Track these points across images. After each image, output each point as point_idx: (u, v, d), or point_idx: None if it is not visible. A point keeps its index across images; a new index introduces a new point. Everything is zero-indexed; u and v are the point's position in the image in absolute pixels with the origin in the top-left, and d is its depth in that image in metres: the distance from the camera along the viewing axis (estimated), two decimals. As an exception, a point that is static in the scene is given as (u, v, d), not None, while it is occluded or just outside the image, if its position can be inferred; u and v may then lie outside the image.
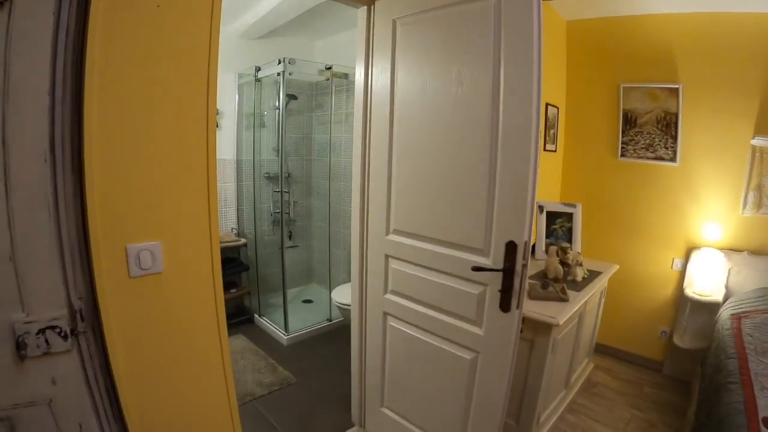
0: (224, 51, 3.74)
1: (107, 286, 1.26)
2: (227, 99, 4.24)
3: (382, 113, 2.29)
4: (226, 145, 4.30)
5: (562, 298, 2.47)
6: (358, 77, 2.42)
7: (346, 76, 4.03)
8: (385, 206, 2.35)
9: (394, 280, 2.39)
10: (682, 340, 3.35)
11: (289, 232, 4.74)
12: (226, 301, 3.82)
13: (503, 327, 1.91)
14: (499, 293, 1.86)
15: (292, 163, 4.78)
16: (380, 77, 2.28)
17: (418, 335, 2.30)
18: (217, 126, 3.68)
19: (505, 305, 1.85)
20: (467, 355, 2.08)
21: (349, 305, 3.28)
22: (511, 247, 1.81)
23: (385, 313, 2.47)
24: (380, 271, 2.44)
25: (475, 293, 2.00)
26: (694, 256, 3.36)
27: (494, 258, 1.88)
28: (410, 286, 2.30)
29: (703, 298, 3.16)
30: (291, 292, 4.58)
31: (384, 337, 2.50)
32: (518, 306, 1.85)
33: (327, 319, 4.28)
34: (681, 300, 3.44)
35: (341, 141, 4.44)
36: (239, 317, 4.36)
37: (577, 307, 2.51)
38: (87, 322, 1.23)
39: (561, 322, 2.29)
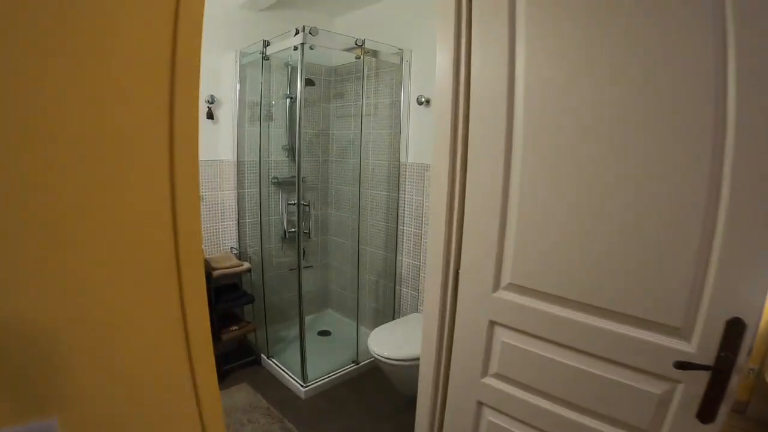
0: (221, 24, 2.89)
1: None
2: (225, 84, 3.37)
3: (488, 112, 1.51)
4: (224, 142, 3.43)
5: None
6: (440, 61, 1.67)
7: (375, 54, 3.15)
8: (494, 247, 1.55)
9: (502, 358, 1.61)
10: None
11: (302, 249, 3.87)
12: (225, 342, 2.86)
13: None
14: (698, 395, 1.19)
15: (305, 165, 3.91)
16: (485, 61, 1.51)
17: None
18: (212, 117, 2.85)
19: (706, 413, 1.17)
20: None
21: (398, 360, 2.56)
22: (734, 328, 1.11)
23: (480, 403, 1.70)
24: (477, 342, 1.66)
25: (656, 393, 1.27)
26: None
27: (700, 342, 1.18)
28: (531, 370, 1.54)
29: None
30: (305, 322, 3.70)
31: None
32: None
33: (353, 361, 3.43)
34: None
35: (368, 138, 3.57)
36: (242, 359, 3.50)
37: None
38: None
39: None
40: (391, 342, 2.74)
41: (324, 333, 3.99)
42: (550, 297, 1.43)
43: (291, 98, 3.60)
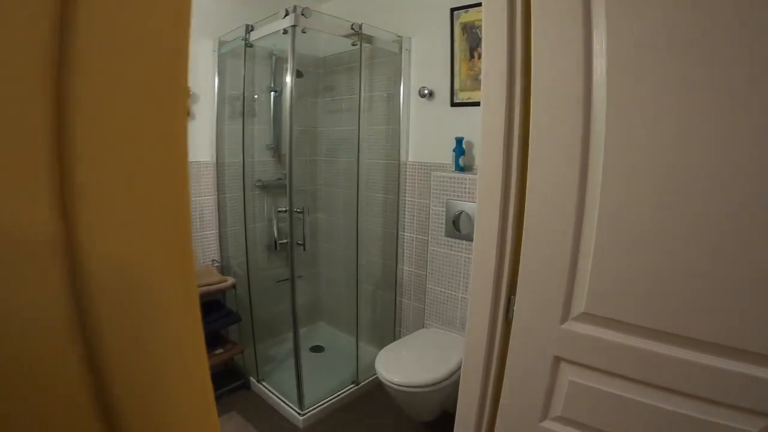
0: (196, 8, 2.53)
1: None
2: (202, 76, 3.00)
3: (558, 102, 1.18)
4: (201, 142, 3.07)
5: None
6: (488, 37, 1.29)
7: (371, 40, 2.82)
8: (564, 267, 1.24)
9: (569, 400, 1.32)
10: None
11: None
12: (210, 366, 2.86)
13: None
14: None
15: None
16: (552, 42, 1.17)
17: None
18: (188, 114, 2.50)
19: None
20: None
21: (410, 387, 2.27)
22: None
23: (539, 452, 1.36)
24: (536, 381, 1.36)
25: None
26: None
27: None
28: (607, 413, 1.25)
29: None
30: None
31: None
32: None
33: (353, 382, 3.10)
34: None
35: (363, 136, 3.24)
36: (229, 384, 3.13)
37: None
38: None
39: None
40: (401, 365, 2.42)
41: (317, 349, 3.65)
42: (641, 330, 1.14)
43: (276, 92, 3.25)
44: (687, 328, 1.06)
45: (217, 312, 2.95)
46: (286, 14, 2.37)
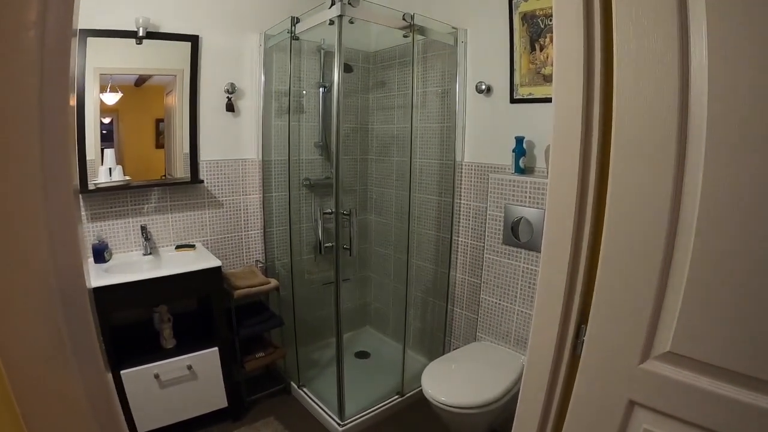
0: (243, 2, 2.39)
1: None
2: (248, 71, 2.91)
3: (646, 95, 0.97)
4: (247, 138, 2.98)
5: None
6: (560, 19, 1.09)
7: (424, 32, 2.65)
8: (649, 298, 1.03)
9: None
10: None
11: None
12: (251, 370, 2.83)
13: None
14: None
15: (342, 165, 3.43)
16: (639, 21, 0.92)
17: None
18: (232, 110, 2.37)
19: None
20: None
21: (459, 408, 2.11)
22: None
23: None
24: (605, 427, 1.16)
25: None
26: None
27: None
28: None
29: None
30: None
31: None
32: None
33: (398, 393, 2.94)
34: None
35: (416, 134, 3.08)
36: (269, 387, 3.04)
37: None
38: None
39: None
40: (449, 383, 2.26)
41: (362, 355, 3.51)
42: (738, 377, 0.92)
43: (324, 87, 3.12)
44: None
45: (259, 315, 2.86)
46: (332, 4, 2.23)
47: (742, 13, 0.83)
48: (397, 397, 2.92)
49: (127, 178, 2.48)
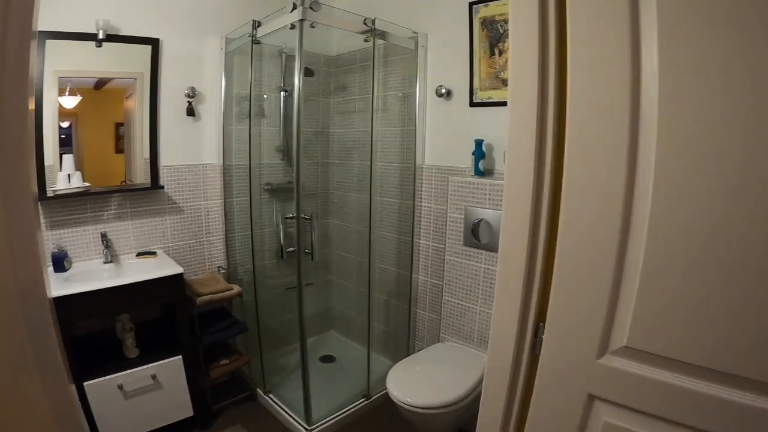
0: (203, 4, 2.41)
1: None
2: (209, 75, 2.88)
3: (599, 95, 1.02)
4: (208, 143, 2.95)
5: None
6: (516, 22, 1.14)
7: (385, 36, 2.67)
8: (604, 294, 1.07)
9: None
10: None
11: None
12: (216, 377, 2.79)
13: None
14: None
15: (303, 169, 3.42)
16: (591, 24, 0.97)
17: None
18: (193, 114, 2.32)
19: None
20: None
21: (425, 409, 2.13)
22: None
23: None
24: (566, 421, 1.20)
25: None
26: None
27: None
28: None
29: None
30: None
31: None
32: None
33: (364, 396, 2.95)
34: None
35: (377, 137, 3.10)
36: (235, 395, 3.01)
37: None
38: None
39: None
40: (415, 384, 2.28)
41: (327, 359, 3.51)
42: (693, 368, 0.97)
43: (286, 91, 3.12)
44: (750, 369, 0.90)
45: (222, 321, 2.83)
46: (294, 8, 2.24)
47: (692, 21, 0.87)
48: (363, 400, 2.93)
49: (87, 184, 2.42)
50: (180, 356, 2.49)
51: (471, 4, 2.44)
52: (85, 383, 2.20)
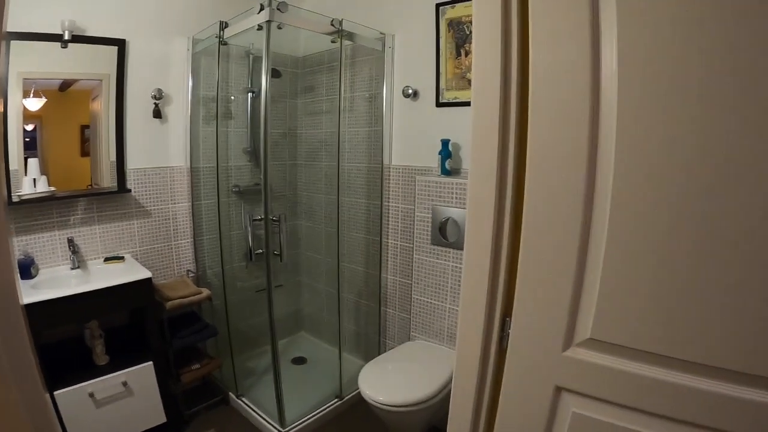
0: (170, 4, 2.39)
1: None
2: (175, 77, 2.85)
3: (560, 95, 1.04)
4: (174, 145, 2.92)
5: None
6: (479, 21, 1.15)
7: (353, 37, 2.68)
8: (567, 288, 1.10)
9: None
10: None
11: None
12: (187, 382, 2.76)
13: None
14: None
15: (271, 171, 3.40)
16: (554, 27, 1.01)
17: None
18: (159, 116, 2.31)
19: None
20: None
21: (397, 407, 2.15)
22: None
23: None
24: (535, 413, 1.22)
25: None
26: None
27: None
28: None
29: None
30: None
31: None
32: None
33: (336, 396, 2.96)
34: None
35: (344, 138, 3.11)
36: (208, 399, 2.98)
37: None
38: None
39: None
40: (386, 382, 2.30)
41: (299, 360, 3.50)
42: (658, 358, 1.01)
43: (253, 93, 3.10)
44: (710, 356, 0.94)
45: (192, 325, 2.80)
46: (261, 9, 2.23)
47: (650, 24, 0.91)
48: (336, 400, 2.93)
49: (53, 188, 2.37)
50: (150, 362, 2.45)
51: (438, 6, 2.47)
52: (55, 392, 2.15)
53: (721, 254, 0.90)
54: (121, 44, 2.54)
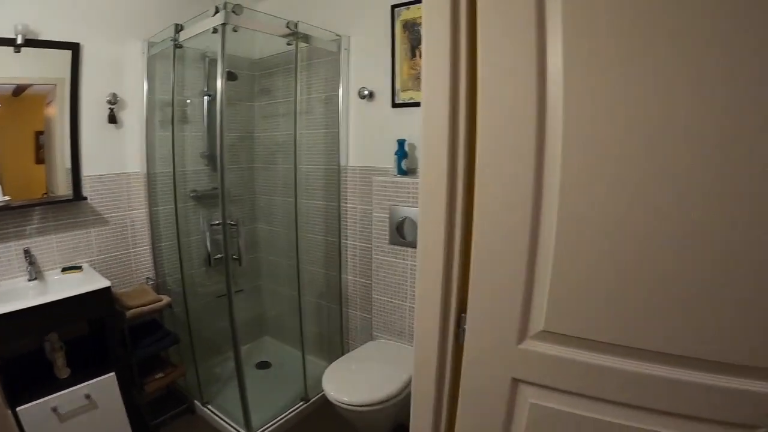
0: (123, 6, 2.36)
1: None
2: (130, 80, 2.80)
3: (507, 93, 1.07)
4: (130, 151, 2.86)
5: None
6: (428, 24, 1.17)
7: (308, 39, 2.69)
8: (520, 282, 1.13)
9: (530, 424, 1.22)
10: None
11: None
12: (151, 392, 2.74)
13: None
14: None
15: (228, 175, 3.38)
16: (500, 30, 1.05)
17: None
18: (115, 121, 2.29)
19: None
20: None
21: (361, 406, 2.18)
22: None
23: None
24: (493, 406, 1.26)
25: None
26: None
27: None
28: None
29: None
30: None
31: None
32: None
33: (302, 399, 2.96)
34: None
35: (301, 140, 3.11)
36: (173, 409, 2.94)
37: None
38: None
39: None
40: (350, 383, 2.32)
41: (263, 365, 3.49)
42: (608, 347, 1.05)
43: (209, 96, 3.08)
44: (665, 345, 0.99)
45: (154, 334, 2.76)
46: (216, 12, 2.22)
47: (593, 28, 0.95)
48: (302, 403, 2.94)
49: (7, 198, 2.29)
50: (113, 373, 2.40)
51: (393, 7, 2.51)
52: (18, 408, 2.08)
53: (665, 247, 0.95)
54: (75, 48, 2.48)
